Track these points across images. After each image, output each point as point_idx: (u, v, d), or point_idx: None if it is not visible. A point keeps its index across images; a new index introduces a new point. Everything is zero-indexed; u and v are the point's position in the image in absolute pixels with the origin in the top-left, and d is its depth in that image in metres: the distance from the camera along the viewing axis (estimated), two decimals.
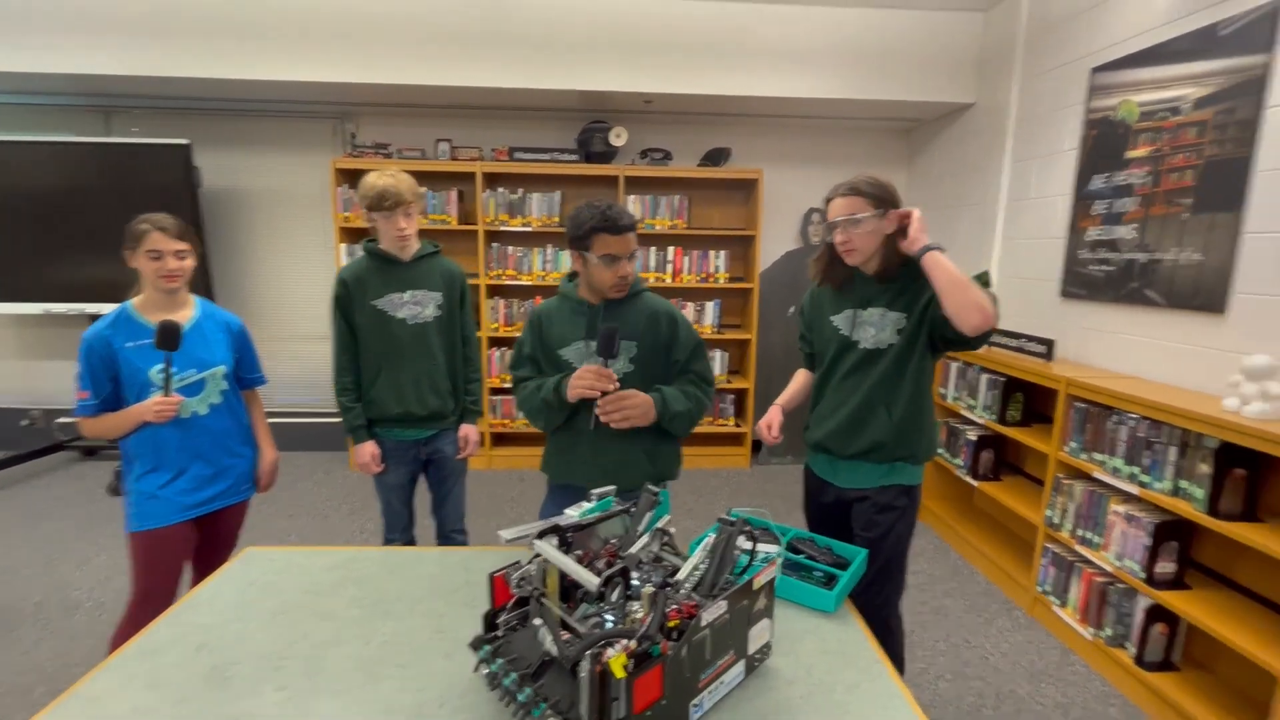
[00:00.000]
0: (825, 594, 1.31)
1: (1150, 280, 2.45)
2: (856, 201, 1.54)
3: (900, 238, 1.55)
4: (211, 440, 1.76)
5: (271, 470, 1.96)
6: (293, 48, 3.45)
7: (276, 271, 4.38)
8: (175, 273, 1.68)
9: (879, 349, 1.61)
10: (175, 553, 1.74)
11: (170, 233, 1.67)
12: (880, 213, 1.54)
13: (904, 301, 1.58)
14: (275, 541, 3.11)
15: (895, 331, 1.59)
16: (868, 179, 1.56)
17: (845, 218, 1.55)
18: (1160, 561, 2.08)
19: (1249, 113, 2.08)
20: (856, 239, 1.55)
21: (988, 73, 3.55)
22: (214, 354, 1.77)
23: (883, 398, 1.60)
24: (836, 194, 1.58)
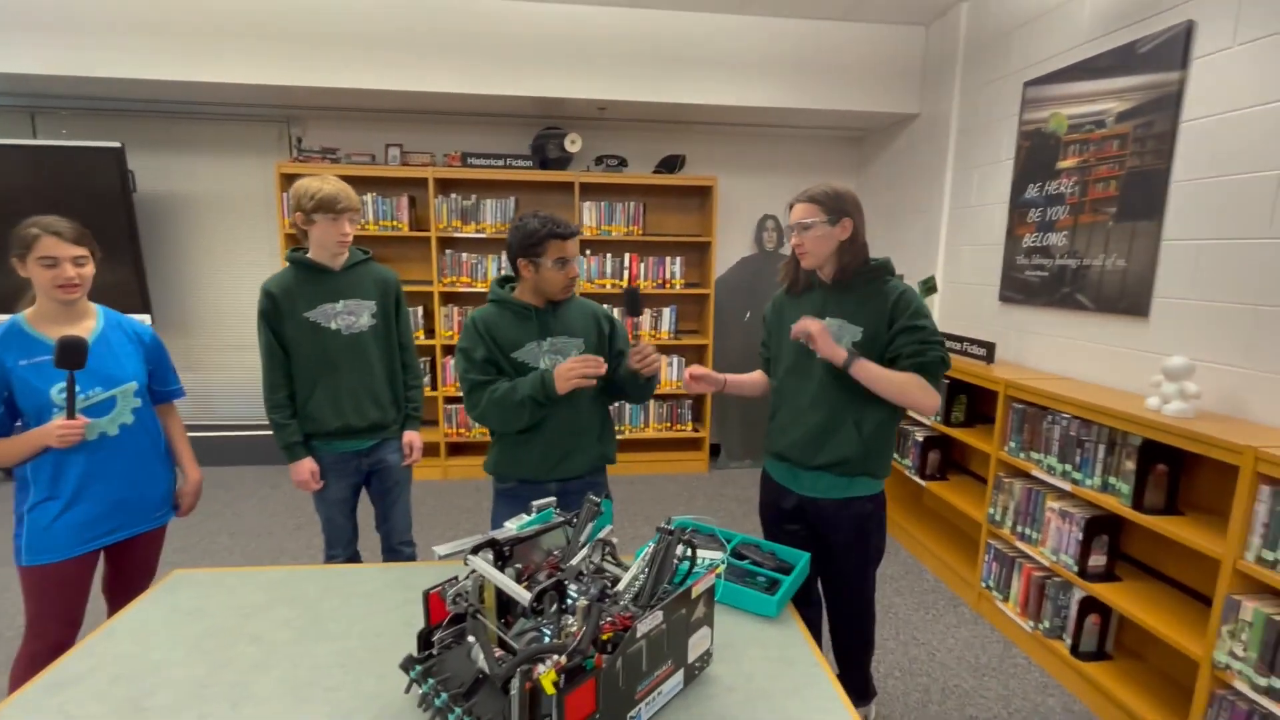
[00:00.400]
0: (767, 599, 1.32)
1: (1080, 285, 2.56)
2: (811, 208, 1.62)
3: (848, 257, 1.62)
4: (123, 463, 1.63)
5: (194, 492, 1.84)
6: (234, 49, 3.34)
7: (218, 279, 4.22)
8: (73, 282, 1.54)
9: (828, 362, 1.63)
10: (75, 588, 1.60)
11: (65, 237, 1.53)
12: (831, 219, 1.60)
13: (863, 315, 1.62)
14: (217, 562, 2.99)
15: (852, 345, 1.61)
16: (824, 187, 1.63)
17: (798, 222, 1.63)
18: (1092, 555, 2.17)
19: (1165, 126, 2.20)
20: (809, 243, 1.62)
21: (930, 84, 3.67)
22: (123, 368, 1.63)
23: (852, 413, 1.63)
24: (797, 200, 1.66)
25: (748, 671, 1.15)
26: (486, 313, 1.74)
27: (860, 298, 1.63)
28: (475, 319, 1.73)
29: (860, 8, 3.48)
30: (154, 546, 1.77)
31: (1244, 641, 1.64)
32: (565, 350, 1.73)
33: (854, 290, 1.64)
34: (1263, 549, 1.63)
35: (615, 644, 0.94)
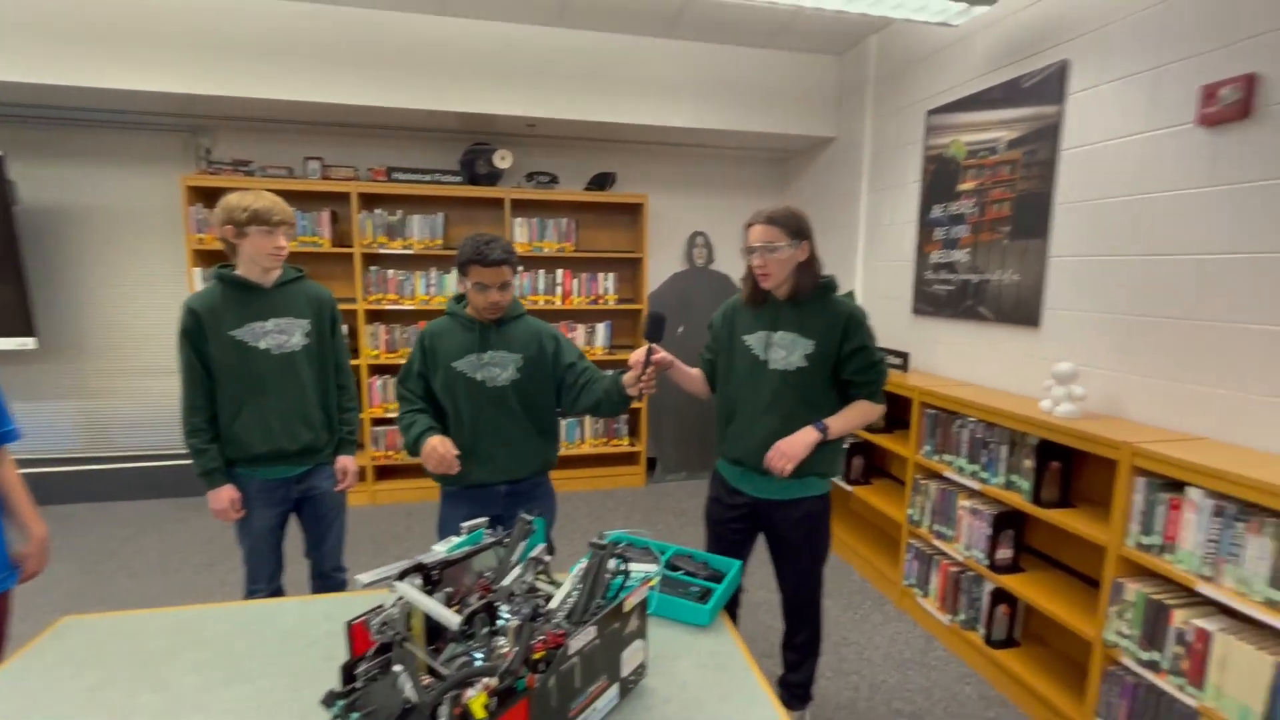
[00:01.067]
0: (700, 608, 1.34)
1: (981, 298, 2.77)
2: (774, 230, 1.67)
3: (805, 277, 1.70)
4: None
5: (41, 550, 1.56)
6: (132, 53, 3.14)
7: (116, 299, 3.91)
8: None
9: (788, 370, 1.72)
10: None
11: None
12: (793, 242, 1.67)
13: (814, 329, 1.70)
14: (114, 606, 2.74)
15: (804, 356, 1.70)
16: (784, 210, 1.70)
17: (762, 244, 1.67)
18: (999, 549, 2.33)
19: (1048, 154, 2.42)
20: (772, 265, 1.68)
21: (845, 110, 3.89)
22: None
23: (804, 419, 1.71)
24: (756, 221, 1.70)
25: (682, 681, 1.17)
26: (438, 323, 1.87)
27: (810, 313, 1.71)
28: (424, 331, 1.86)
29: (779, 36, 3.66)
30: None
31: (1128, 620, 1.81)
32: (502, 364, 1.83)
33: (804, 305, 1.72)
34: (1140, 535, 1.80)
35: (548, 663, 0.94)
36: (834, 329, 1.69)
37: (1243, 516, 1.55)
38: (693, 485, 4.47)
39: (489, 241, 1.74)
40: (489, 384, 1.82)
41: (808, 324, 1.71)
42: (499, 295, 1.77)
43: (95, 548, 3.31)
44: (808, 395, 1.72)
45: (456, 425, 1.84)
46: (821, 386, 1.73)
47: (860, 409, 1.76)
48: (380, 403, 3.97)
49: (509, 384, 1.83)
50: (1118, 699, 1.85)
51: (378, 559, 3.21)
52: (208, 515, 3.73)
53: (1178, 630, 1.67)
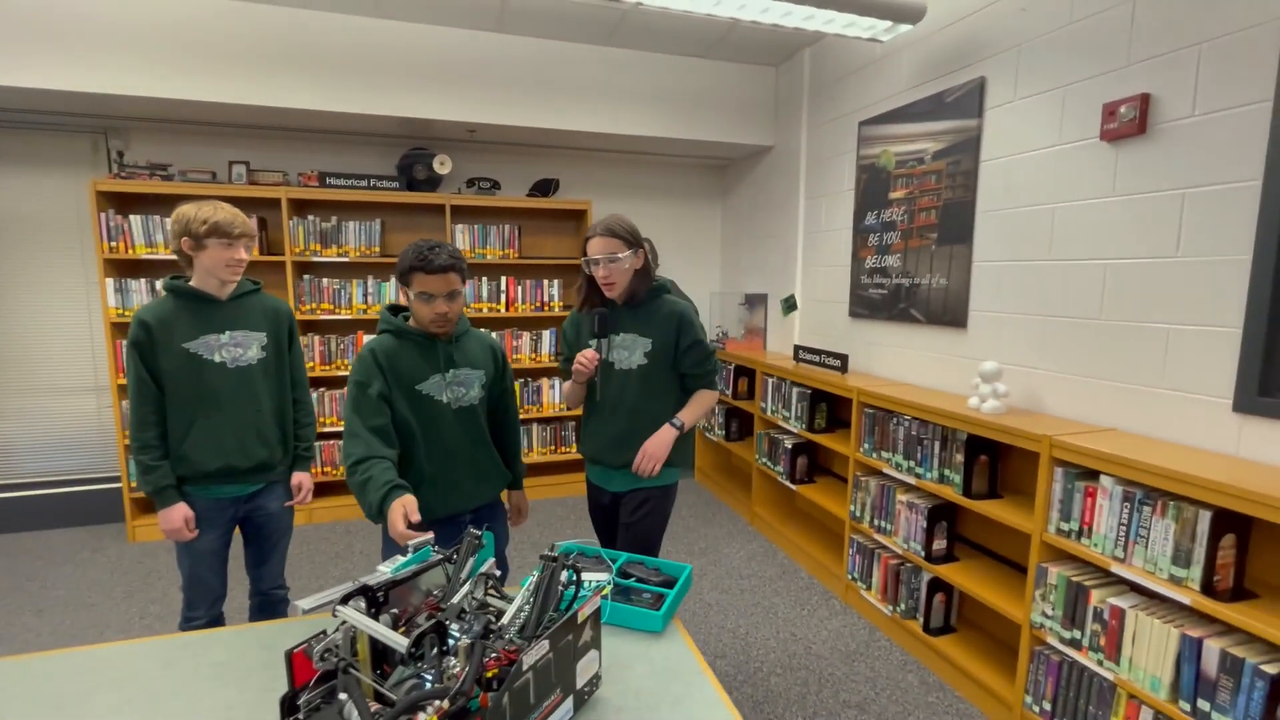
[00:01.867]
0: (653, 615, 1.35)
1: (913, 301, 2.90)
2: (615, 242, 1.78)
3: (640, 282, 1.84)
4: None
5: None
6: (34, 49, 2.91)
7: (17, 312, 3.60)
8: None
9: (631, 369, 1.86)
10: None
11: None
12: (632, 251, 1.80)
13: (650, 327, 1.85)
14: (20, 647, 2.51)
15: (643, 354, 1.86)
16: (620, 221, 1.81)
17: (606, 256, 1.77)
18: (935, 540, 2.44)
19: (970, 165, 2.57)
20: (615, 274, 1.79)
21: (782, 120, 4.00)
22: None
23: (650, 417, 1.86)
24: (594, 234, 1.80)
25: (635, 688, 1.18)
26: (384, 343, 1.68)
27: (646, 314, 1.87)
28: (374, 349, 1.67)
29: (718, 47, 3.74)
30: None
31: (1052, 602, 1.93)
32: (468, 383, 1.76)
33: (641, 308, 1.87)
34: (1060, 521, 1.92)
35: (501, 680, 0.93)
36: (669, 326, 1.85)
37: (1148, 500, 1.68)
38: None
39: (433, 247, 1.62)
40: (455, 405, 1.73)
41: (645, 325, 1.85)
42: (446, 306, 1.64)
43: None
44: (651, 390, 1.87)
45: (425, 454, 1.70)
46: (663, 380, 1.89)
47: (702, 399, 1.93)
48: (318, 416, 3.79)
49: (478, 402, 1.77)
50: (1044, 677, 1.97)
51: (316, 580, 3.07)
52: (123, 544, 3.48)
53: (1095, 609, 1.79)
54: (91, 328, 3.69)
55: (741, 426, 4.29)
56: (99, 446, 3.79)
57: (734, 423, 4.27)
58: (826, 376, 3.12)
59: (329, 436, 3.85)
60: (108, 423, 3.77)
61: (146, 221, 3.44)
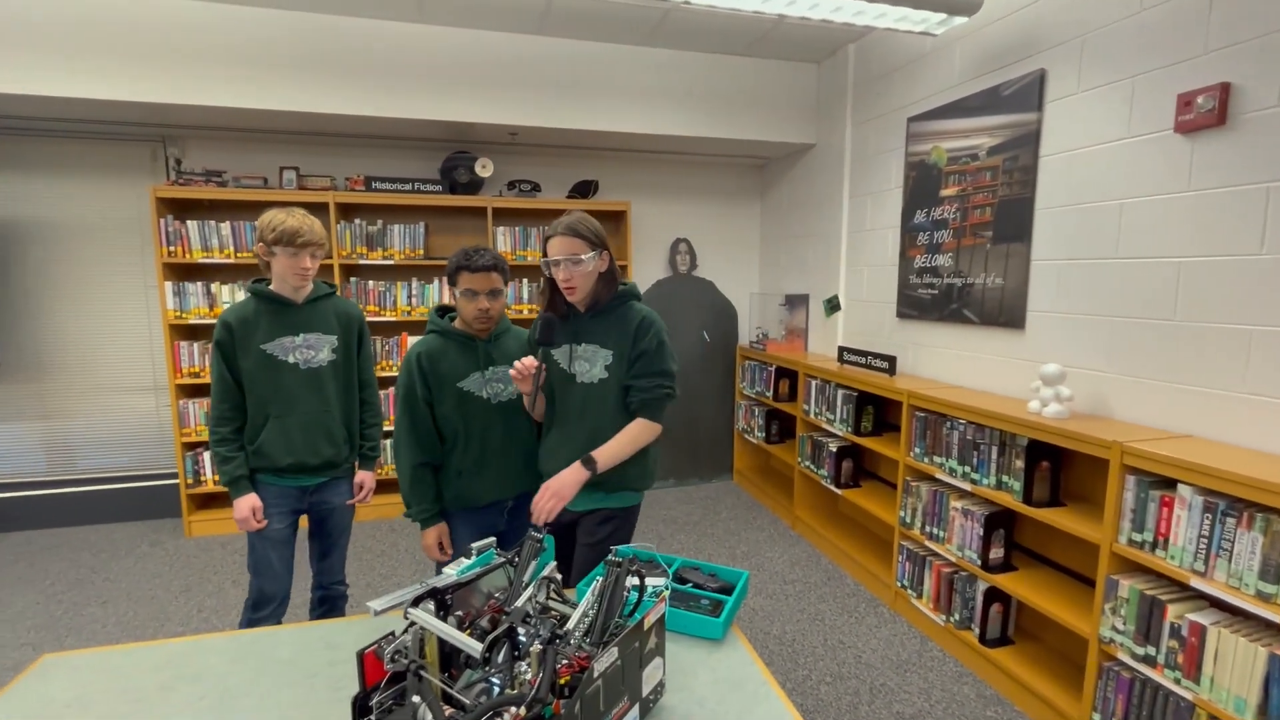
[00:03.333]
0: (713, 622, 1.33)
1: (965, 301, 2.81)
2: (578, 243, 1.61)
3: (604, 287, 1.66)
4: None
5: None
6: (95, 62, 3.02)
7: (81, 314, 3.76)
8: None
9: (592, 383, 1.68)
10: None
11: None
12: (596, 253, 1.63)
13: (612, 339, 1.67)
14: (88, 638, 2.61)
15: (604, 367, 1.68)
16: (584, 221, 1.63)
17: (568, 257, 1.60)
18: (992, 549, 2.36)
19: (1028, 160, 2.48)
20: (577, 277, 1.62)
21: (824, 118, 3.93)
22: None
23: (609, 435, 1.65)
24: (555, 233, 1.62)
25: (699, 697, 1.15)
26: (428, 344, 1.83)
27: (609, 323, 1.68)
28: (418, 353, 1.81)
29: (759, 45, 3.70)
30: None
31: (1123, 616, 1.84)
32: (505, 380, 1.85)
33: (604, 316, 1.69)
34: (1133, 531, 1.84)
35: (572, 687, 0.91)
36: (627, 335, 1.66)
37: (1232, 511, 1.59)
38: (680, 492, 4.46)
39: (478, 249, 1.77)
40: (494, 400, 1.85)
41: (607, 335, 1.68)
42: (488, 303, 1.78)
43: (62, 575, 3.16)
44: (612, 407, 1.68)
45: (465, 446, 1.84)
46: (623, 397, 1.69)
47: (632, 433, 1.65)
48: None
49: (516, 397, 1.85)
50: (1114, 694, 1.88)
51: (364, 577, 3.12)
52: (180, 538, 3.60)
53: (1172, 625, 1.70)
54: (150, 329, 3.83)
55: (782, 429, 4.23)
56: (157, 444, 3.92)
57: (774, 424, 4.21)
58: (873, 378, 3.05)
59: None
60: (165, 421, 3.90)
61: (203, 226, 3.55)
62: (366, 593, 2.97)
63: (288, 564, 2.00)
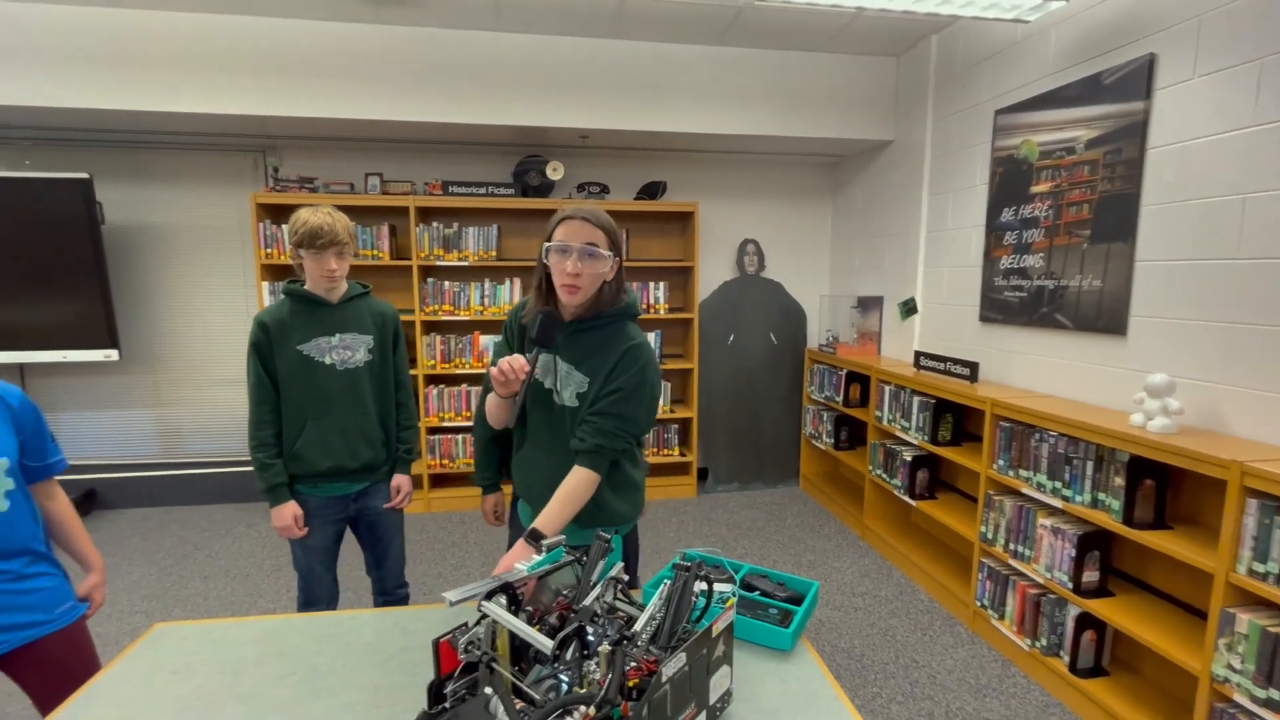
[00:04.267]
0: (782, 632, 1.29)
1: (1059, 305, 2.63)
2: (597, 233, 1.37)
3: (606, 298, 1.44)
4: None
5: (102, 581, 1.55)
6: (207, 79, 3.29)
7: (189, 312, 4.10)
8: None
9: (562, 406, 1.47)
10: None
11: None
12: (611, 255, 1.39)
13: (592, 363, 1.44)
14: (192, 608, 2.84)
15: (575, 395, 1.45)
16: (605, 215, 1.40)
17: (584, 246, 1.35)
18: (1085, 571, 2.19)
19: (1133, 153, 2.29)
20: (587, 275, 1.37)
21: (903, 113, 3.78)
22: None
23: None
24: (573, 216, 1.36)
25: (769, 708, 1.13)
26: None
27: (594, 342, 1.44)
28: (495, 345, 1.71)
29: (834, 40, 3.59)
30: (64, 651, 1.44)
31: (1241, 654, 1.67)
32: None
33: (590, 332, 1.45)
34: (1254, 561, 1.66)
35: (640, 690, 0.91)
36: (608, 360, 1.41)
37: None
38: (745, 496, 4.39)
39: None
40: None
41: (587, 358, 1.43)
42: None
43: (171, 550, 3.45)
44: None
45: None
46: None
47: (574, 491, 1.39)
48: (436, 412, 4.03)
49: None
50: None
51: (435, 566, 3.24)
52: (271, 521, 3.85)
53: None
54: (249, 326, 4.11)
55: (852, 435, 4.09)
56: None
57: (844, 430, 4.08)
58: (952, 385, 2.90)
59: (449, 431, 4.08)
60: None
61: None
62: (439, 583, 3.08)
63: (331, 569, 1.98)
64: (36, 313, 3.59)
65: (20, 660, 1.40)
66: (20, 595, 1.39)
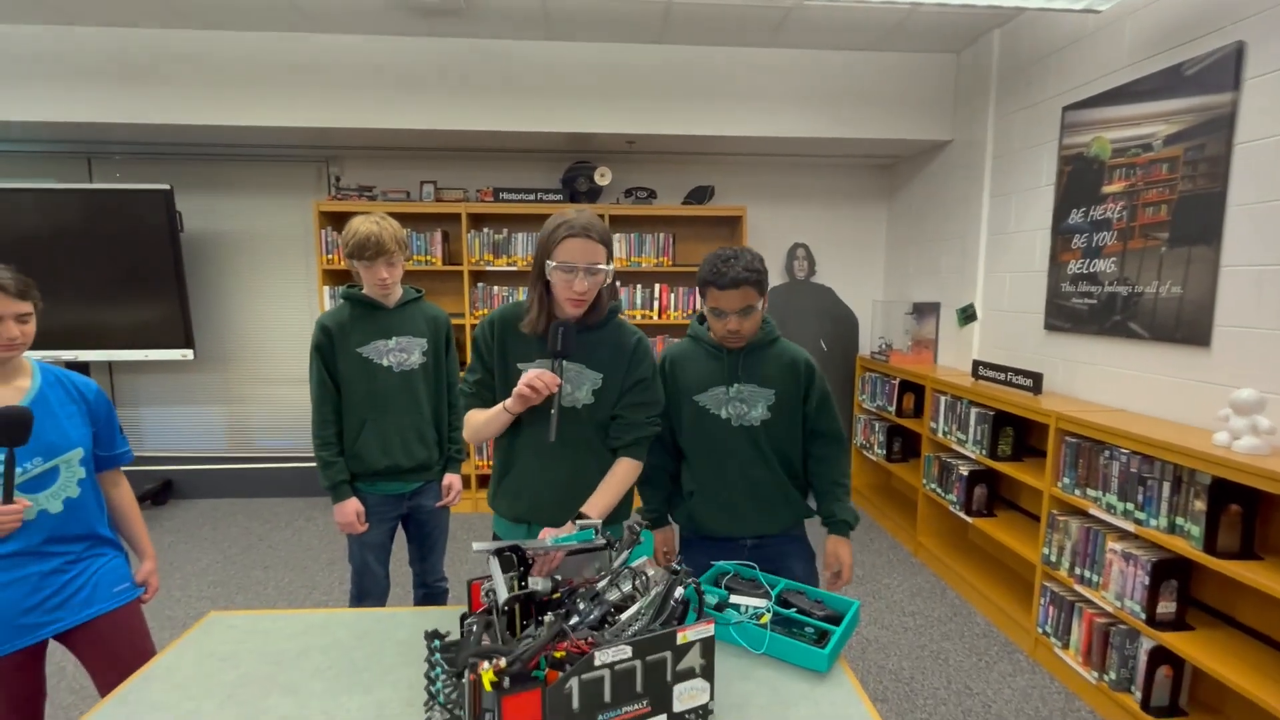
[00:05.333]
0: (818, 653, 1.24)
1: (1133, 313, 2.45)
2: (599, 248, 1.37)
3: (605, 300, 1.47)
4: (65, 545, 1.44)
5: (154, 572, 1.62)
6: (275, 93, 3.47)
7: (256, 314, 4.33)
8: (15, 341, 1.36)
9: (575, 408, 1.46)
10: (23, 685, 1.43)
11: (10, 291, 1.35)
12: (610, 264, 1.41)
13: (603, 360, 1.47)
14: (252, 596, 2.99)
15: (591, 392, 1.46)
16: (599, 222, 1.40)
17: (588, 265, 1.36)
18: (1161, 601, 2.03)
19: (1219, 149, 2.11)
20: (593, 290, 1.40)
21: (963, 111, 3.62)
22: (65, 434, 1.43)
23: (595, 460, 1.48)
24: (574, 233, 1.35)
25: None
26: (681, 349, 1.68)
27: (599, 340, 1.48)
28: (667, 354, 1.66)
29: (890, 38, 3.48)
30: (121, 631, 1.51)
31: None
32: (751, 400, 1.64)
33: (594, 331, 1.47)
34: None
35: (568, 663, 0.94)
36: (621, 358, 1.47)
37: None
38: None
39: (727, 259, 1.50)
40: (735, 422, 1.59)
41: (594, 354, 1.46)
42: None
43: (236, 540, 3.64)
44: (592, 437, 1.47)
45: (695, 465, 1.64)
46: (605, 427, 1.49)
47: (622, 479, 1.46)
48: None
49: (759, 424, 1.59)
50: None
51: (480, 568, 3.30)
52: (330, 516, 4.01)
53: None
54: (309, 328, 4.31)
55: (905, 446, 3.94)
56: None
57: (896, 441, 3.93)
58: (1014, 397, 2.75)
59: None
60: None
61: None
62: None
63: (385, 565, 2.04)
64: (123, 314, 3.86)
65: (80, 638, 1.49)
66: (80, 577, 1.47)
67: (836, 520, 1.64)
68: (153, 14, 3.22)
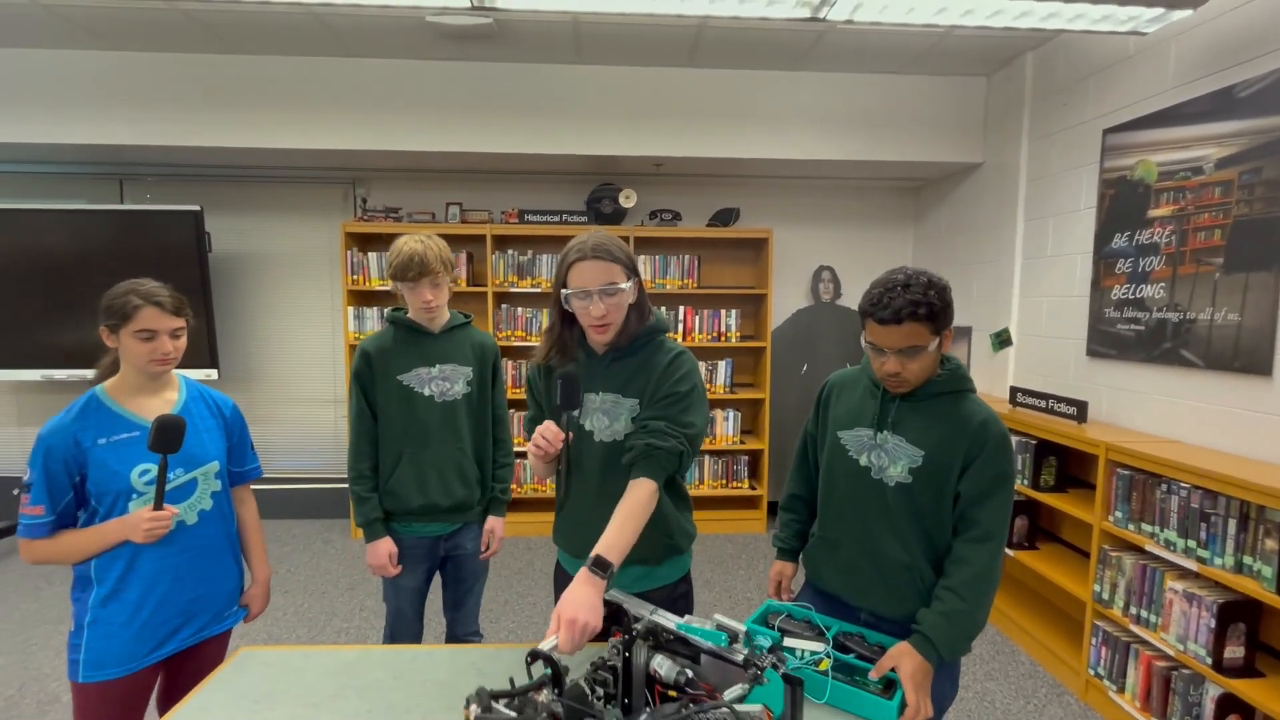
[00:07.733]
0: (886, 705, 1.16)
1: (1185, 340, 2.37)
2: (612, 267, 1.29)
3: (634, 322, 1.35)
4: (195, 557, 1.44)
5: (264, 594, 1.65)
6: (304, 116, 3.50)
7: (281, 334, 4.33)
8: (170, 356, 1.39)
9: (615, 441, 1.36)
10: (132, 707, 1.41)
11: (166, 308, 1.38)
12: (631, 281, 1.32)
13: (637, 384, 1.36)
14: (272, 621, 2.93)
15: (629, 421, 1.36)
16: (613, 240, 1.32)
17: (602, 287, 1.28)
18: (1228, 645, 1.92)
19: (1276, 172, 2.05)
20: (613, 312, 1.31)
21: (995, 134, 3.58)
22: (204, 447, 1.46)
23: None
24: (583, 256, 1.28)
25: None
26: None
27: (634, 365, 1.37)
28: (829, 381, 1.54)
29: (920, 61, 3.46)
30: (218, 654, 1.54)
31: None
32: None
33: (628, 357, 1.38)
34: None
35: None
36: (653, 373, 1.35)
37: None
38: None
39: (892, 286, 1.23)
40: (873, 474, 1.37)
41: (629, 380, 1.36)
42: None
43: None
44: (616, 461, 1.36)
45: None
46: None
47: (631, 505, 1.24)
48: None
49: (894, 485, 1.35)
50: None
51: (501, 594, 3.23)
52: (346, 538, 3.96)
53: None
54: (334, 348, 4.31)
55: None
56: (334, 450, 4.39)
57: None
58: (1056, 425, 2.66)
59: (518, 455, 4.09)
60: (341, 431, 4.35)
61: (381, 257, 3.96)
62: (504, 610, 3.06)
63: (419, 611, 1.91)
64: None
65: (189, 656, 1.48)
66: (214, 589, 1.50)
67: (920, 630, 1.26)
68: (187, 39, 3.27)
